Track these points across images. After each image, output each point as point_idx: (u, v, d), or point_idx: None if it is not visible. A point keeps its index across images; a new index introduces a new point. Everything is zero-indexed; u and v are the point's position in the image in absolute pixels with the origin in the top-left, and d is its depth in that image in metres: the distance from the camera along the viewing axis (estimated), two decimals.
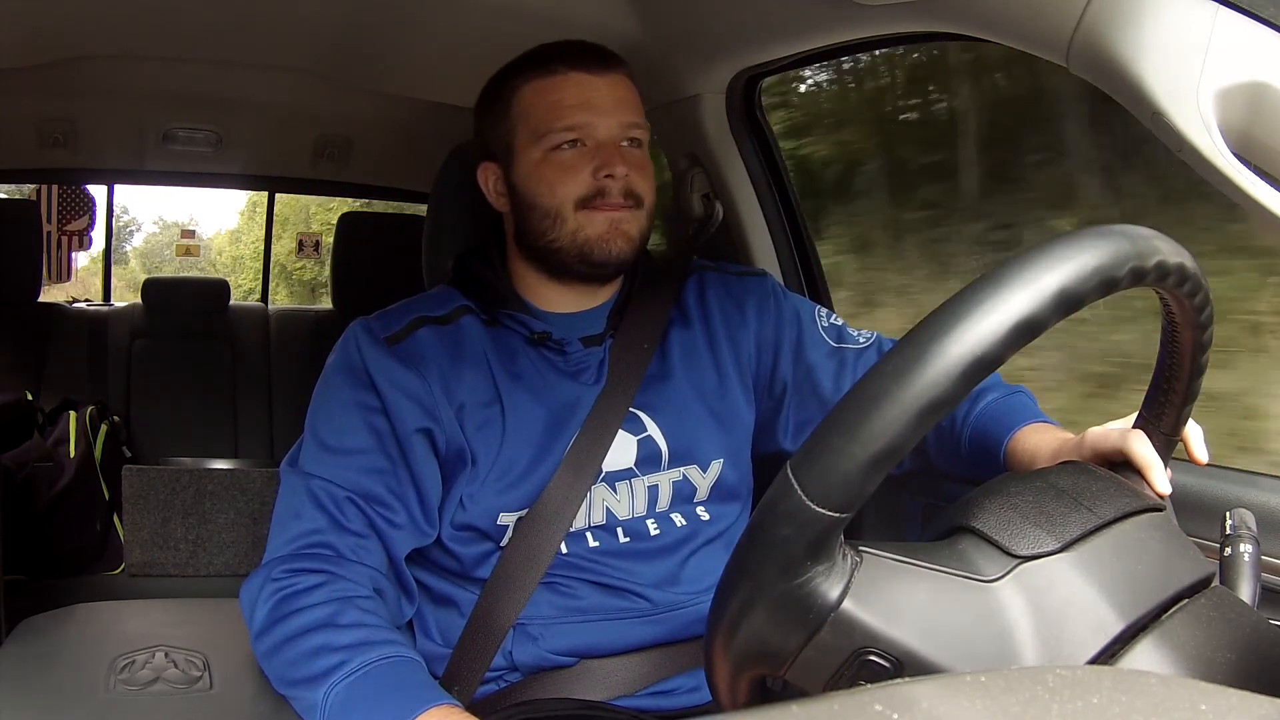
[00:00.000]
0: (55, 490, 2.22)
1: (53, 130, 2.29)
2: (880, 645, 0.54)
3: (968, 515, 0.60)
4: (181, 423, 2.64)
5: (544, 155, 1.06)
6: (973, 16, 0.98)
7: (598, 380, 1.09)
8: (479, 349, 1.07)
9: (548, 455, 1.05)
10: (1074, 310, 0.51)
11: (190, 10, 1.52)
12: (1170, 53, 0.77)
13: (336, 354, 1.07)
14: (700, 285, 1.19)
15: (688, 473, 1.10)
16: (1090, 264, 0.52)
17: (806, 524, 0.51)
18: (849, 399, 0.51)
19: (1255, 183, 0.75)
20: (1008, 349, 0.50)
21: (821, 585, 0.53)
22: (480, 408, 1.04)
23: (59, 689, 1.22)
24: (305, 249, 4.63)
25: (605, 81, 1.07)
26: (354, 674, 0.87)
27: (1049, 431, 0.99)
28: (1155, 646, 0.55)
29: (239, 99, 2.15)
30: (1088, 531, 0.59)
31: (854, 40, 1.29)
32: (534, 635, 1.03)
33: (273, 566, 0.95)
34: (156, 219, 16.12)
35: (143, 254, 15.17)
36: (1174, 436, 0.76)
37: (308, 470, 1.00)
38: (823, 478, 0.50)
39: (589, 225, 1.05)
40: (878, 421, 0.49)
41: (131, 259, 14.53)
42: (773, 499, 0.53)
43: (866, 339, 1.20)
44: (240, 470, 2.35)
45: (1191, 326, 0.64)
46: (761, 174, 1.59)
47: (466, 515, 1.03)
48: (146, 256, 15.00)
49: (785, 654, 0.55)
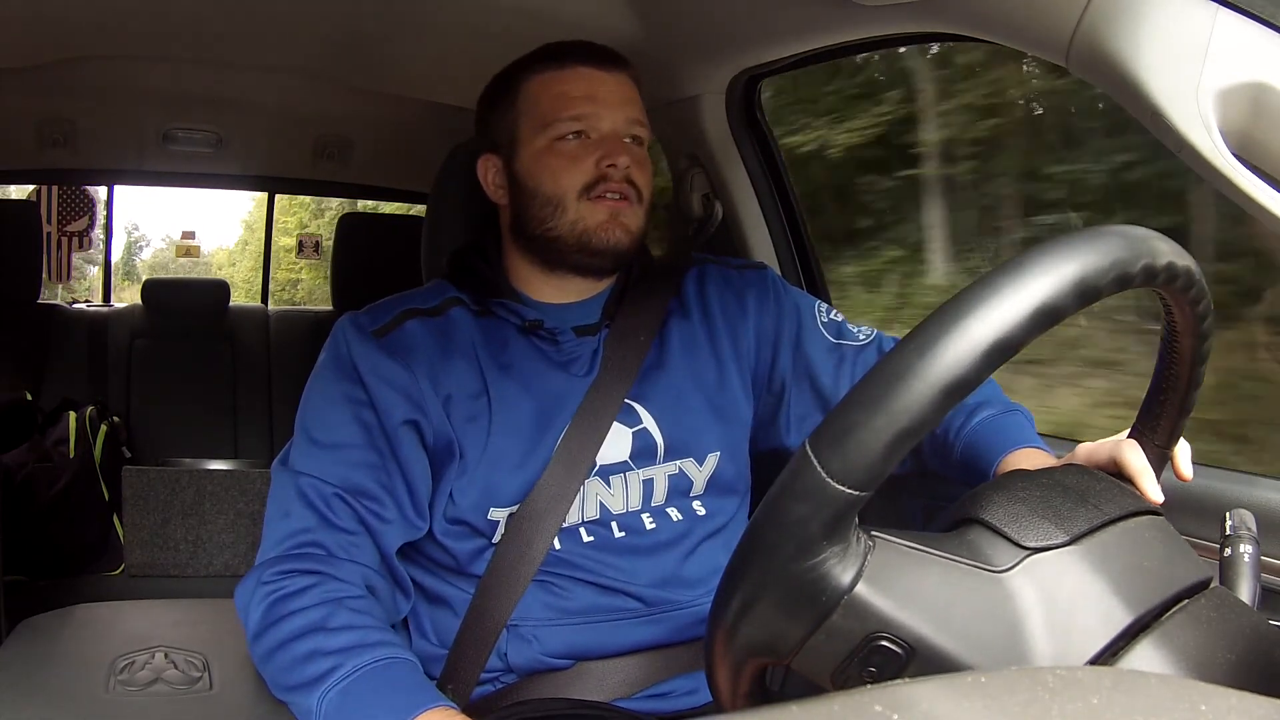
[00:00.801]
0: (55, 490, 2.22)
1: (53, 130, 2.29)
2: (893, 630, 0.54)
3: (976, 507, 0.61)
4: (181, 423, 2.65)
5: (548, 144, 1.06)
6: (973, 17, 0.99)
7: (589, 371, 1.08)
8: (468, 340, 1.07)
9: (538, 448, 1.04)
10: (1091, 301, 0.52)
11: (190, 11, 1.52)
12: (1170, 53, 0.77)
13: (326, 349, 1.07)
14: (700, 278, 1.19)
15: (684, 466, 1.09)
16: (1109, 256, 0.52)
17: (825, 502, 0.51)
18: (871, 376, 0.52)
19: (1255, 183, 0.75)
20: (1028, 334, 0.50)
21: (835, 568, 0.53)
22: (468, 400, 1.04)
23: (59, 689, 1.22)
24: (305, 249, 4.63)
25: (612, 78, 1.08)
26: (347, 678, 0.86)
27: (1041, 457, 0.98)
28: (1155, 646, 0.55)
29: (239, 99, 2.15)
30: (1094, 527, 0.59)
31: (854, 40, 1.29)
32: (528, 637, 1.03)
33: (264, 568, 0.95)
34: (164, 236, 16.30)
35: (151, 267, 15.31)
36: (1167, 449, 0.76)
37: (297, 468, 1.00)
38: (843, 454, 0.50)
39: (589, 215, 1.05)
40: (901, 398, 0.50)
41: (143, 273, 14.67)
42: (790, 476, 0.52)
43: (866, 336, 1.20)
44: (240, 471, 2.36)
45: (1192, 335, 0.64)
46: (761, 174, 1.59)
47: (457, 509, 1.03)
48: (155, 270, 15.12)
49: (794, 639, 0.55)
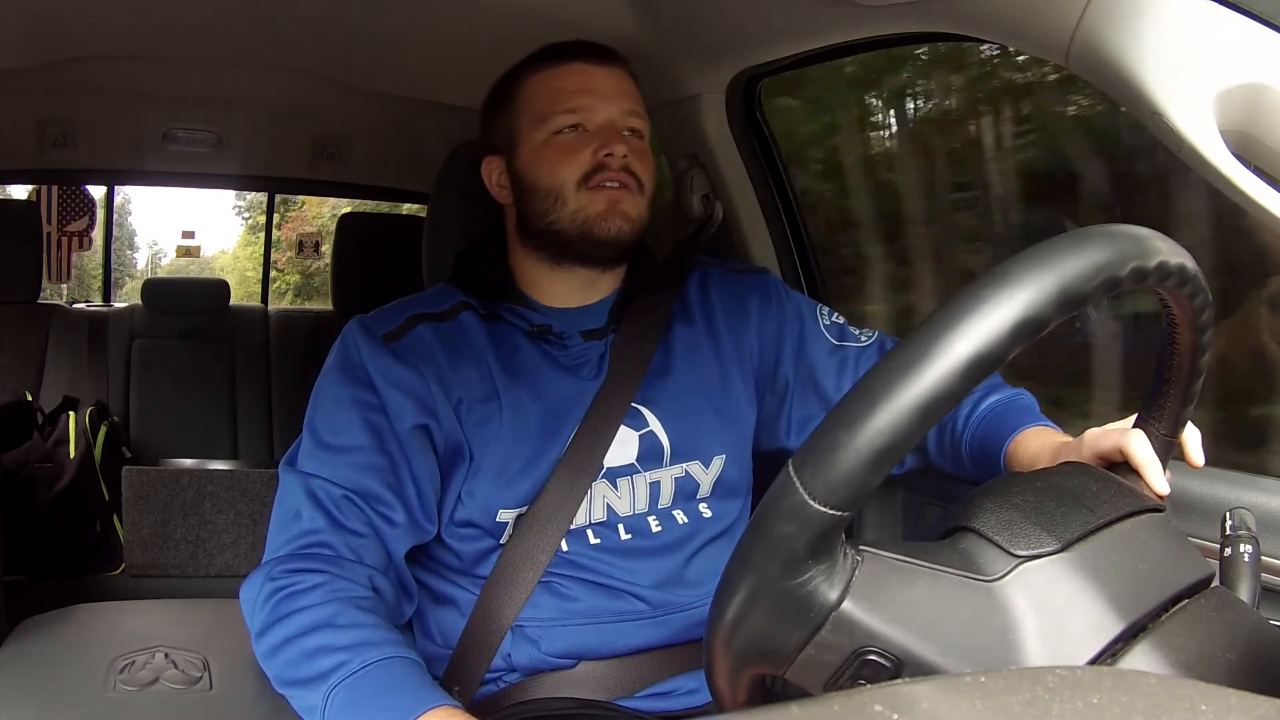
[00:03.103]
0: (55, 490, 2.22)
1: (53, 130, 2.29)
2: (880, 645, 0.54)
3: (968, 515, 0.60)
4: (181, 423, 2.65)
5: (546, 139, 1.07)
6: (973, 17, 0.99)
7: (597, 375, 1.09)
8: (478, 344, 1.07)
9: (547, 451, 1.05)
10: (1077, 308, 0.51)
11: (190, 10, 1.52)
12: (1170, 53, 0.77)
13: (334, 353, 1.07)
14: (703, 282, 1.19)
15: (690, 469, 1.10)
16: (1093, 262, 0.51)
17: (808, 522, 0.51)
18: (851, 397, 0.51)
19: (1255, 183, 0.75)
20: (1011, 346, 0.50)
21: (822, 584, 0.53)
22: (478, 403, 1.04)
23: (59, 689, 1.22)
24: (305, 249, 4.64)
25: (606, 72, 1.10)
26: (354, 674, 0.86)
27: (1049, 435, 0.99)
28: (1155, 646, 0.55)
29: (239, 99, 2.15)
30: (1088, 531, 0.59)
31: (854, 40, 1.29)
32: (532, 637, 1.03)
33: (272, 566, 0.95)
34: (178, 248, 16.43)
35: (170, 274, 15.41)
36: (1172, 438, 0.76)
37: (306, 469, 1.00)
38: (825, 476, 0.50)
39: (590, 205, 1.06)
40: (880, 419, 0.49)
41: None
42: (774, 496, 0.53)
43: (868, 338, 1.20)
44: (240, 471, 2.36)
45: (1191, 328, 0.64)
46: (761, 174, 1.59)
47: (466, 511, 1.03)
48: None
49: (786, 653, 0.55)
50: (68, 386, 2.52)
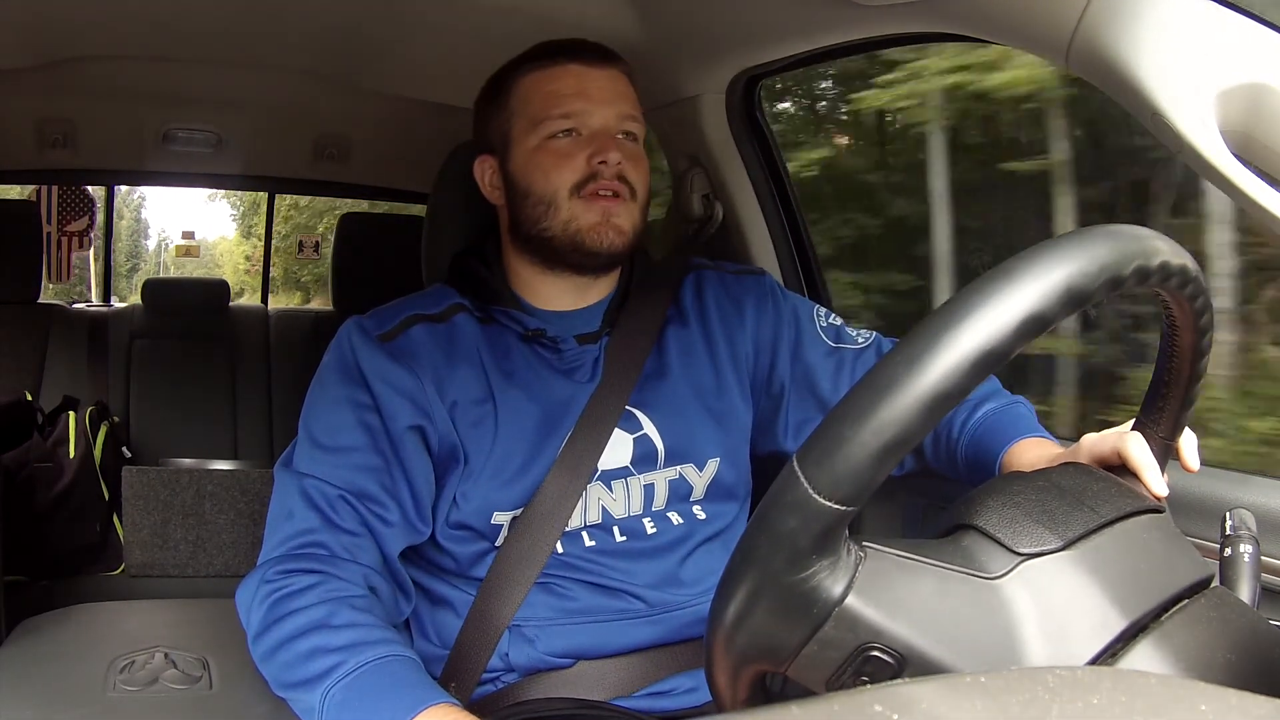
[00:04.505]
0: (55, 490, 2.22)
1: (53, 130, 2.29)
2: (883, 641, 0.54)
3: (970, 513, 0.60)
4: (181, 423, 2.64)
5: (540, 143, 1.07)
6: (973, 17, 0.99)
7: (592, 378, 1.09)
8: (473, 346, 1.07)
9: (542, 453, 1.05)
10: (1081, 306, 0.51)
11: (190, 10, 1.52)
12: (1170, 53, 0.77)
13: (330, 353, 1.07)
14: (698, 284, 1.19)
15: (684, 471, 1.10)
16: (1098, 261, 0.52)
17: (812, 517, 0.51)
18: (856, 391, 0.51)
19: (1255, 183, 0.74)
20: (1016, 342, 0.50)
21: (826, 580, 0.53)
22: (473, 405, 1.04)
23: (59, 689, 1.22)
24: (305, 250, 4.64)
25: (602, 74, 1.08)
26: (350, 675, 0.86)
27: (1045, 446, 0.99)
28: (1155, 646, 0.55)
29: (239, 99, 2.15)
30: (1090, 530, 0.59)
31: (854, 41, 1.29)
32: (530, 637, 1.03)
33: (267, 568, 0.95)
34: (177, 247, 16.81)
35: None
36: (1171, 441, 0.76)
37: (301, 469, 1.00)
38: (829, 470, 0.50)
39: (582, 215, 1.05)
40: (885, 413, 0.49)
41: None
42: (778, 491, 0.52)
43: (865, 339, 1.20)
44: (240, 471, 2.36)
45: (1191, 330, 0.64)
46: (761, 175, 1.59)
47: (460, 513, 1.03)
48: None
49: (788, 649, 0.55)
50: (68, 386, 2.52)
